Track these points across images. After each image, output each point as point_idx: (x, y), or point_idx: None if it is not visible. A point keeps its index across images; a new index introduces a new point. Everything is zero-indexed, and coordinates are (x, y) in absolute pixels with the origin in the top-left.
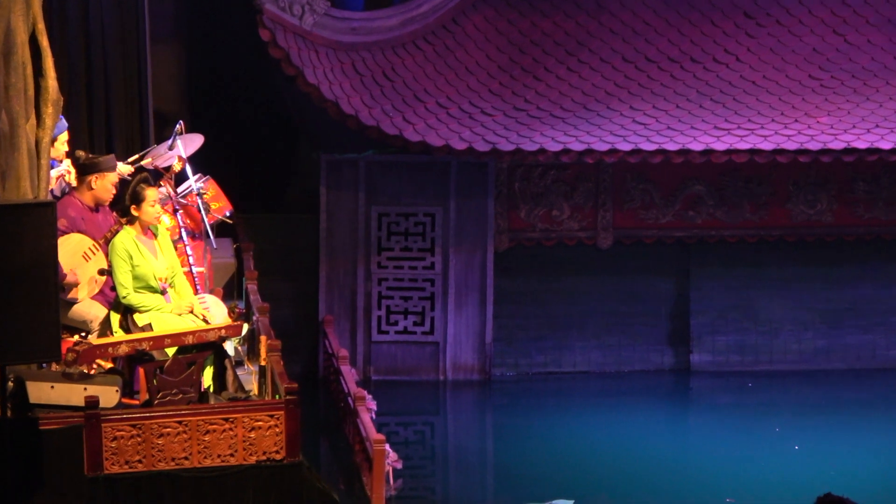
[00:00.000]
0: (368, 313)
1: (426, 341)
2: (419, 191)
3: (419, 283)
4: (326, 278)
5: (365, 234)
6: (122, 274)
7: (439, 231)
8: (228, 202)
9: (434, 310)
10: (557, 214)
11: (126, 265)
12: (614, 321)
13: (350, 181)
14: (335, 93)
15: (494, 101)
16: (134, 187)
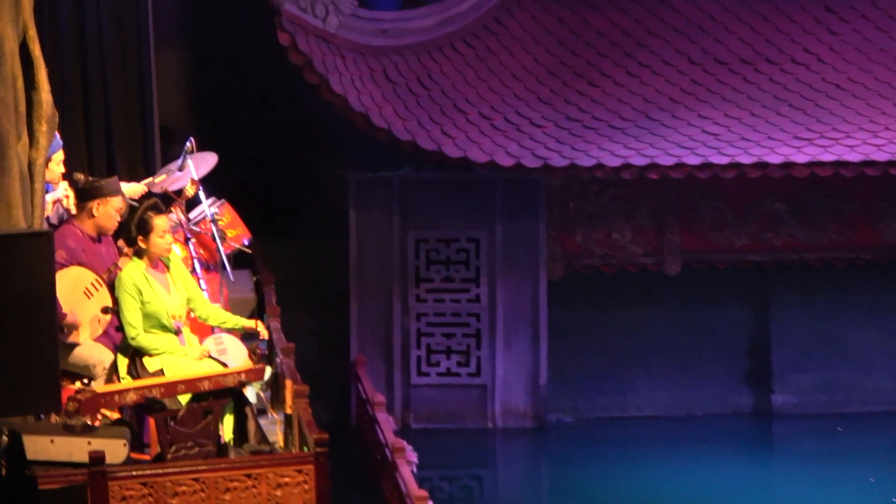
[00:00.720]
0: (406, 353)
1: (472, 384)
2: (461, 213)
3: (463, 317)
4: (358, 313)
5: (400, 262)
6: (130, 312)
7: (484, 258)
8: (246, 229)
9: (480, 348)
10: (618, 237)
11: (135, 302)
12: (684, 358)
13: (383, 203)
14: (364, 103)
15: (544, 111)
16: (141, 215)
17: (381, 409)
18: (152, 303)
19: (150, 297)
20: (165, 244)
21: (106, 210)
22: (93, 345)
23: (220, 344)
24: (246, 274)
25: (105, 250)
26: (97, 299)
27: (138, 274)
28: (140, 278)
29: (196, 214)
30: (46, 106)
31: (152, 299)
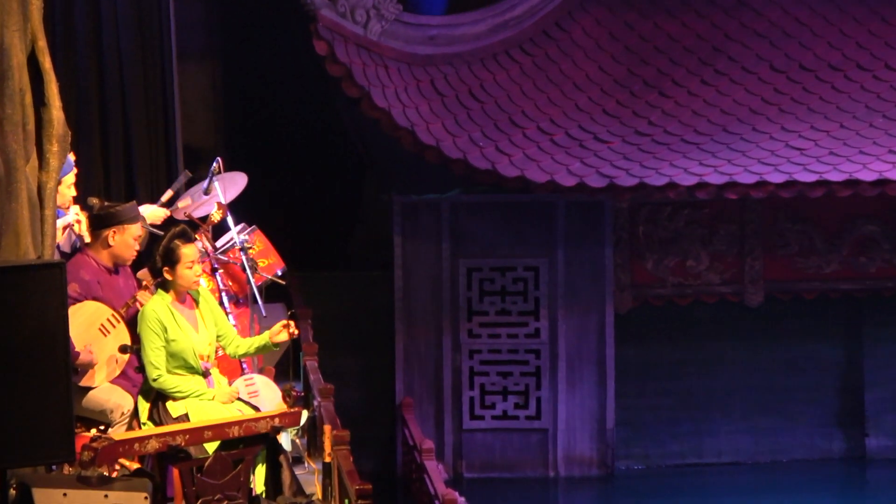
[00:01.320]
0: (458, 394)
1: (531, 428)
2: (518, 239)
3: (521, 354)
4: (404, 351)
5: (451, 294)
6: (152, 350)
7: (545, 289)
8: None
9: (540, 388)
10: (693, 265)
11: (158, 339)
12: (768, 398)
13: (431, 228)
14: (410, 118)
15: (610, 125)
16: (167, 244)
17: (430, 456)
18: (178, 341)
19: (176, 334)
20: (194, 276)
21: (123, 239)
22: (110, 387)
23: (251, 385)
24: (280, 308)
25: (123, 283)
26: (114, 337)
27: (163, 309)
28: (165, 314)
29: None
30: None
31: (178, 337)
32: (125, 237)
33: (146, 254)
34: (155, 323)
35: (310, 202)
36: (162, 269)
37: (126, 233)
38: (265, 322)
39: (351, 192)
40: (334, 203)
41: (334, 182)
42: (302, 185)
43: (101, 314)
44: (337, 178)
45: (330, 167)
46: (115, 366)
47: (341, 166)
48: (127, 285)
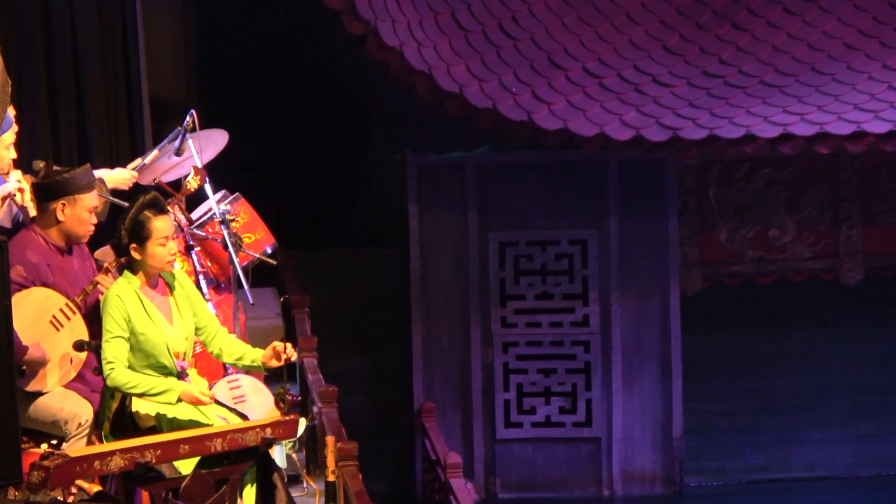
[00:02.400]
0: (490, 397)
1: (580, 437)
2: (561, 206)
3: (566, 347)
4: (422, 345)
5: (480, 275)
6: (110, 341)
7: (594, 267)
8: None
9: (591, 389)
10: (776, 235)
11: (119, 329)
12: (869, 399)
13: (454, 195)
14: (427, 59)
15: (672, 64)
16: (135, 216)
17: (456, 473)
18: (147, 335)
19: (145, 326)
20: (167, 255)
21: (75, 212)
22: (64, 393)
23: (237, 388)
24: (270, 294)
25: (78, 265)
26: (69, 331)
27: (129, 295)
28: (132, 301)
29: (201, 214)
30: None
31: (147, 330)
32: (77, 210)
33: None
34: (118, 311)
35: (304, 165)
36: (128, 247)
37: (78, 204)
38: (253, 311)
39: (355, 152)
40: (334, 166)
41: (334, 141)
42: (294, 144)
43: (53, 304)
44: (337, 137)
45: (328, 123)
46: (70, 366)
47: (342, 122)
48: (83, 268)
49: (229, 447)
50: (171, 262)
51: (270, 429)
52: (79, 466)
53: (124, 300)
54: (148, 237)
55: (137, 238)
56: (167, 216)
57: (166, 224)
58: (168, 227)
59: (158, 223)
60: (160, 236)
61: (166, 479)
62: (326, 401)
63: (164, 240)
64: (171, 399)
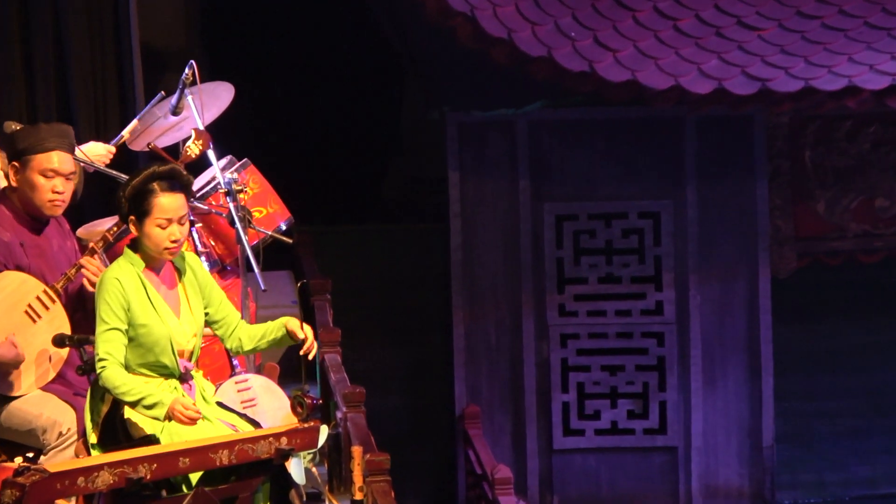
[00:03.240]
0: (545, 399)
1: (653, 446)
2: (630, 173)
3: (636, 340)
4: (465, 338)
5: (533, 254)
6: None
7: (669, 245)
8: (284, 207)
9: (665, 389)
10: (884, 206)
11: (116, 319)
12: None
13: (502, 160)
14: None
15: (761, 3)
16: (141, 184)
17: (506, 490)
18: (150, 328)
19: (148, 318)
20: (166, 240)
21: (26, 177)
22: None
23: (247, 390)
24: (285, 278)
25: (57, 244)
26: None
27: (131, 279)
28: (133, 286)
29: (203, 185)
30: None
31: (151, 322)
32: (29, 174)
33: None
34: (116, 297)
35: (325, 126)
36: (128, 217)
37: (30, 166)
38: (265, 298)
39: (385, 110)
40: (360, 127)
41: (360, 98)
42: (313, 102)
43: (29, 290)
44: (364, 92)
45: (353, 76)
46: (49, 365)
47: (370, 75)
48: (63, 248)
49: (238, 460)
50: (170, 251)
51: (286, 438)
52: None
53: (124, 284)
54: (148, 213)
55: (137, 210)
56: (179, 196)
57: (175, 204)
58: (176, 209)
59: (165, 200)
60: (162, 216)
61: (164, 499)
62: (352, 404)
63: (166, 222)
64: (158, 415)
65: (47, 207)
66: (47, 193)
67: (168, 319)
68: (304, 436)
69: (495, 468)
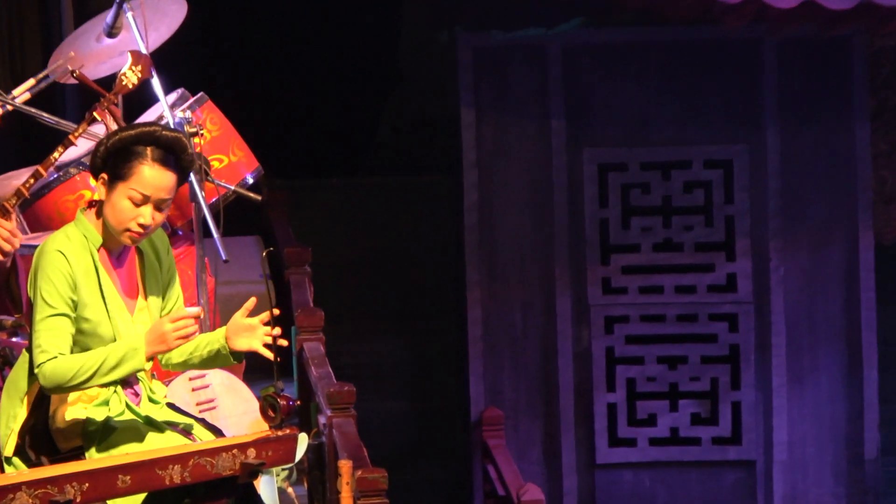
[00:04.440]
0: (586, 401)
1: (724, 460)
2: (693, 110)
3: (702, 324)
4: (483, 323)
5: (570, 215)
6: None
7: (744, 201)
8: (251, 154)
9: (739, 386)
10: None
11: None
12: None
13: (529, 94)
14: None
15: None
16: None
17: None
18: (94, 325)
19: (94, 312)
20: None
21: None
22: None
23: (204, 387)
24: (251, 245)
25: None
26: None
27: (81, 256)
28: (83, 265)
29: None
30: None
31: (96, 318)
32: None
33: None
34: (62, 274)
35: (304, 53)
36: (99, 171)
37: None
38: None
39: (380, 31)
40: (350, 53)
41: (349, 16)
42: (289, 20)
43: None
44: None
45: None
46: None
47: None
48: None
49: (193, 478)
50: (131, 236)
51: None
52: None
53: (72, 261)
54: (123, 177)
55: (113, 168)
56: (169, 175)
57: (160, 182)
58: (159, 187)
59: (150, 172)
60: (139, 189)
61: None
62: (339, 406)
63: (142, 199)
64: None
65: None
66: None
67: (119, 318)
68: (278, 447)
69: (522, 489)
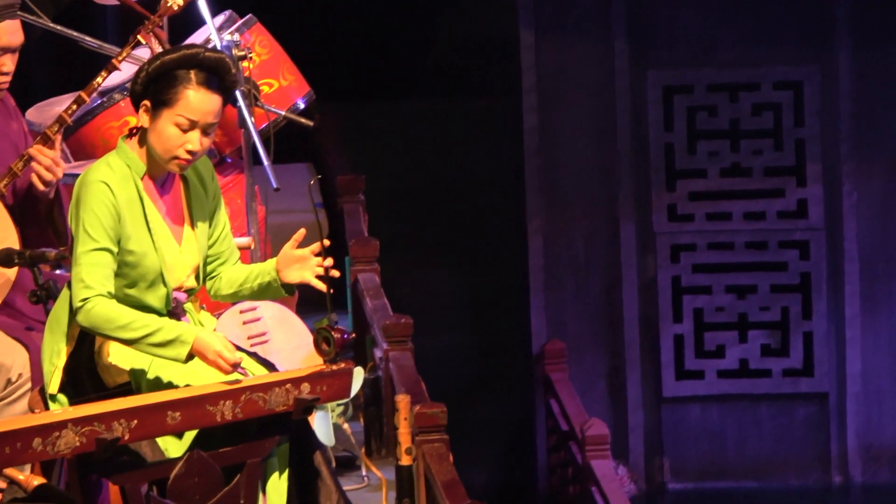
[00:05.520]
0: (652, 332)
1: (796, 393)
2: (762, 29)
3: (772, 252)
4: (544, 253)
5: (633, 140)
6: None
7: (815, 125)
8: (302, 78)
9: (811, 316)
10: None
11: (106, 235)
12: None
13: (591, 14)
14: None
15: None
16: (171, 63)
17: (600, 451)
18: (139, 257)
19: (140, 243)
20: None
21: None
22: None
23: (255, 321)
24: (303, 172)
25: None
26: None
27: (125, 186)
28: (128, 197)
29: None
30: None
31: (142, 249)
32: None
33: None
34: (105, 206)
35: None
36: (140, 98)
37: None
38: (276, 200)
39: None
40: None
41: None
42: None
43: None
44: None
45: None
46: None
47: None
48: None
49: (245, 415)
50: (180, 163)
51: (309, 385)
52: (9, 447)
53: (116, 192)
54: (169, 103)
55: (156, 95)
56: (215, 97)
57: (207, 106)
58: (206, 112)
59: (196, 96)
60: (187, 115)
61: (146, 466)
62: (396, 339)
63: (189, 124)
64: (178, 355)
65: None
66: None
67: (166, 249)
68: (332, 381)
69: (586, 423)
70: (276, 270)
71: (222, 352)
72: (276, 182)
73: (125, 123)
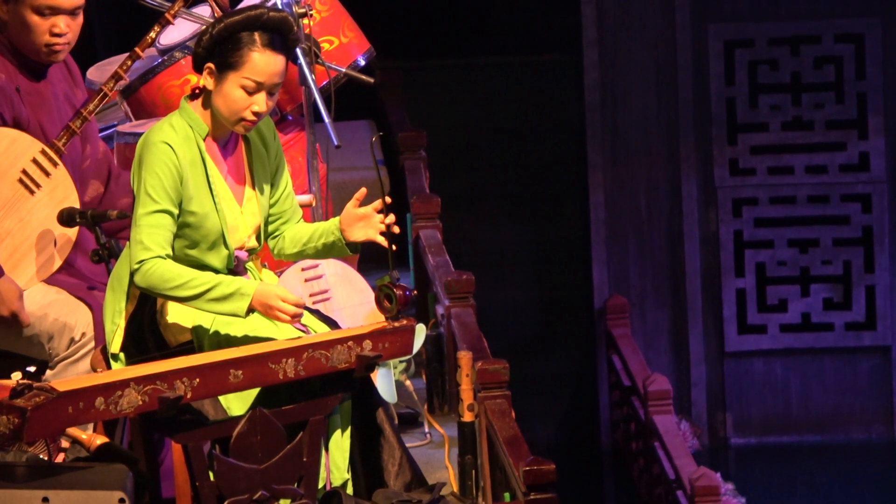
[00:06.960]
0: (714, 286)
1: (858, 346)
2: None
3: (834, 205)
4: (606, 207)
5: (695, 94)
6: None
7: (877, 78)
8: (362, 35)
9: (874, 269)
10: None
11: (167, 197)
12: None
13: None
14: None
15: None
16: (234, 26)
17: (662, 406)
18: (200, 218)
19: (202, 204)
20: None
21: (18, 11)
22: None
23: (317, 278)
24: (364, 130)
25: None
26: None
27: (188, 147)
28: (191, 158)
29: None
30: None
31: (204, 210)
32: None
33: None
34: (168, 167)
35: None
36: (203, 62)
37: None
38: (338, 157)
39: None
40: None
41: None
42: None
43: (23, 151)
44: None
45: None
46: (54, 251)
47: None
48: (70, 98)
49: (307, 372)
50: (246, 125)
51: (371, 342)
52: (71, 406)
53: (178, 153)
54: (234, 66)
55: (221, 57)
56: (279, 58)
57: (273, 67)
58: (272, 73)
59: (262, 58)
60: (252, 77)
61: (209, 424)
62: (458, 296)
63: (255, 86)
64: (239, 309)
65: (44, 53)
66: (44, 36)
67: (228, 210)
68: (395, 338)
69: (649, 379)
70: (339, 230)
71: (286, 296)
72: (337, 139)
73: (186, 82)
